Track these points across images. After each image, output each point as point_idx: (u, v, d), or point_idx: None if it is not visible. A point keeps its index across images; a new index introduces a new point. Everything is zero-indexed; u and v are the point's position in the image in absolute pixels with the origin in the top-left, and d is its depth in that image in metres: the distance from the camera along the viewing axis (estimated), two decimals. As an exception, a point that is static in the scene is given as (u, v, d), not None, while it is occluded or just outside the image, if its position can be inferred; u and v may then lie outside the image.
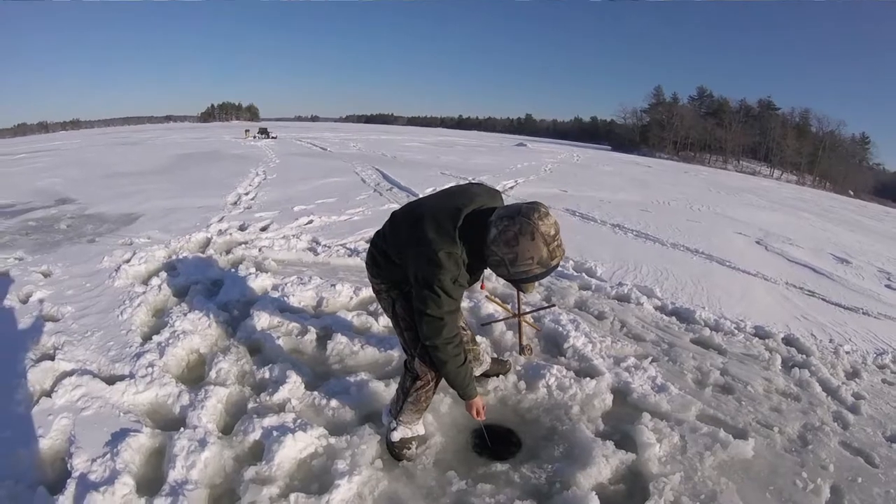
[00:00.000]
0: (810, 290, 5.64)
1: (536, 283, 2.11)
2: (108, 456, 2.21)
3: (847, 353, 3.89)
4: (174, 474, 2.12)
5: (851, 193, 50.76)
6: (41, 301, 3.96)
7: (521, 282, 1.95)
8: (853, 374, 3.59)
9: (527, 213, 1.80)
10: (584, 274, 5.21)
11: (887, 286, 6.44)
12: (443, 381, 2.29)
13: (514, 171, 16.48)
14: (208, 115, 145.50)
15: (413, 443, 2.40)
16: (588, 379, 2.98)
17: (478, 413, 2.27)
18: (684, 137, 70.31)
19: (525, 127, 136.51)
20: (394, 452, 2.38)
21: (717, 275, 5.73)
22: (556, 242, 1.83)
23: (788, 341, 3.99)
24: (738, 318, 4.31)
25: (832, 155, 65.64)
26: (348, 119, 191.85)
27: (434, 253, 1.88)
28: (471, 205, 1.97)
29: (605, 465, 2.30)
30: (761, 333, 4.06)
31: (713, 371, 3.34)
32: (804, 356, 3.72)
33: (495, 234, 1.83)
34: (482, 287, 2.81)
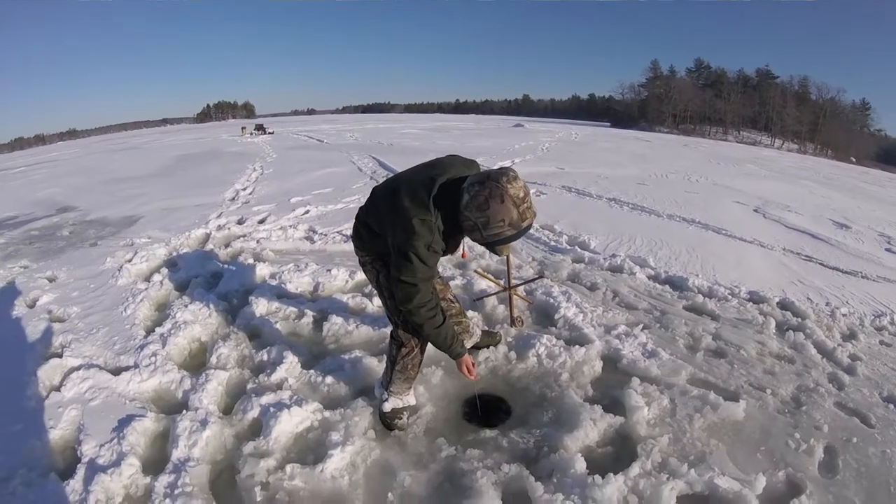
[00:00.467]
0: (808, 255, 5.62)
1: (511, 246, 2.17)
2: (115, 440, 2.33)
3: (844, 315, 3.84)
4: (177, 453, 2.24)
5: (854, 160, 50.13)
6: (47, 304, 4.09)
7: (494, 244, 2.01)
8: (850, 336, 3.54)
9: (496, 178, 1.88)
10: (577, 247, 5.25)
11: (887, 250, 6.38)
12: (431, 350, 2.36)
13: (512, 152, 16.42)
14: (205, 116, 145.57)
15: (404, 413, 2.48)
16: (578, 347, 3.04)
17: (468, 370, 2.32)
18: (683, 110, 69.84)
19: (523, 108, 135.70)
20: (386, 423, 2.47)
21: (713, 243, 5.74)
22: (525, 204, 1.89)
23: (784, 305, 3.97)
24: (733, 284, 4.30)
25: (833, 122, 64.91)
26: (345, 110, 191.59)
27: (408, 220, 1.95)
28: (445, 174, 2.04)
29: (592, 428, 2.36)
30: (756, 298, 4.04)
31: (705, 336, 3.35)
32: (799, 319, 3.70)
33: (467, 199, 1.91)
34: (464, 255, 2.85)
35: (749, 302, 4.01)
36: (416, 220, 1.94)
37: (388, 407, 2.46)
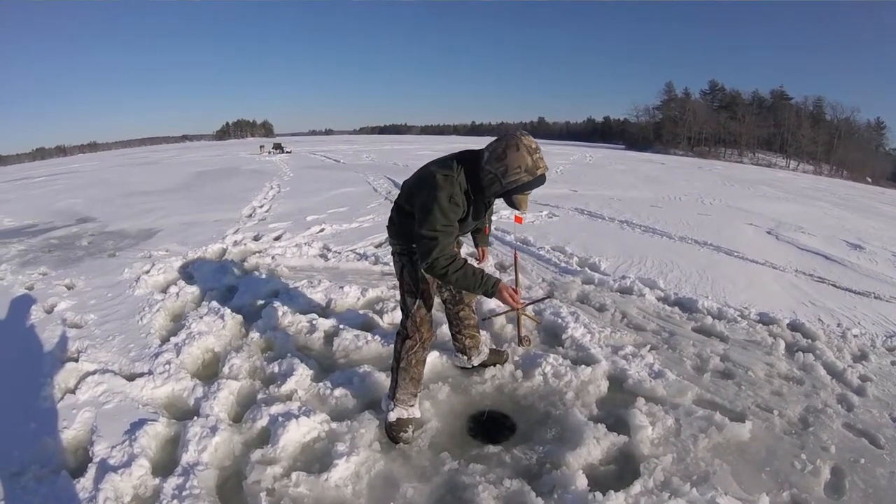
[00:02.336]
0: (820, 276, 5.57)
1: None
2: (127, 442, 2.42)
3: (855, 336, 3.82)
4: (187, 457, 2.31)
5: (869, 180, 49.68)
6: (65, 310, 4.23)
7: (513, 193, 2.21)
8: (861, 357, 3.52)
9: (511, 133, 2.17)
10: (587, 269, 5.27)
11: (902, 269, 6.33)
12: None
13: (525, 174, 16.47)
14: (224, 133, 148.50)
15: (410, 426, 2.52)
16: (584, 367, 3.06)
17: (512, 298, 2.26)
18: (698, 132, 69.83)
19: (538, 130, 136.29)
20: (391, 435, 2.51)
21: (724, 265, 5.71)
22: (538, 154, 2.14)
23: (794, 327, 3.95)
24: (743, 305, 4.30)
25: (848, 142, 64.32)
26: (362, 131, 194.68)
27: (433, 176, 2.20)
28: (451, 155, 2.34)
29: (595, 446, 2.38)
30: (765, 320, 4.03)
31: (713, 357, 3.35)
32: (809, 341, 3.69)
33: (487, 155, 2.18)
34: (486, 231, 2.90)
35: (759, 323, 4.00)
36: (440, 175, 2.19)
37: (393, 416, 2.51)
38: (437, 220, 2.13)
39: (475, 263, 2.51)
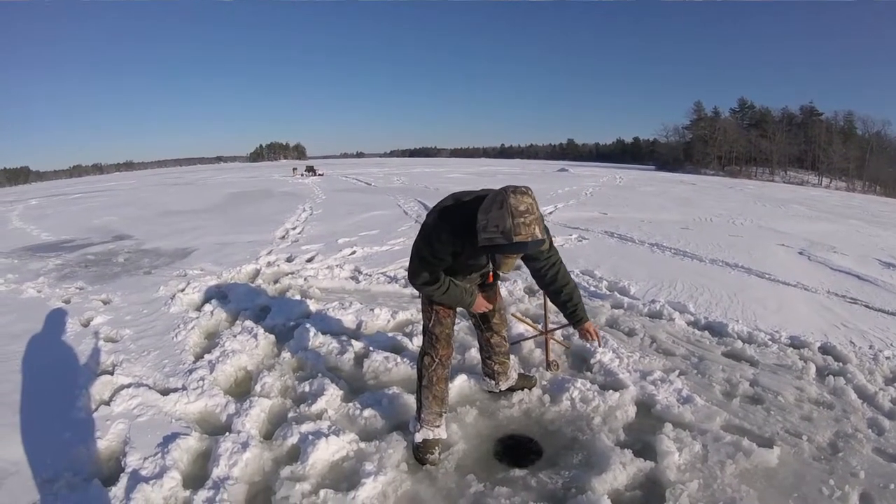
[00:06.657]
0: (853, 297, 5.41)
1: (514, 262, 2.38)
2: (159, 455, 2.51)
3: (888, 358, 3.71)
4: (217, 471, 2.39)
5: (903, 194, 47.70)
6: (101, 325, 4.41)
7: (487, 249, 2.09)
8: (893, 380, 3.42)
9: (505, 188, 2.00)
10: (616, 293, 5.24)
11: (936, 286, 6.09)
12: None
13: (555, 197, 16.42)
14: (257, 155, 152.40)
15: (436, 447, 2.55)
16: (612, 392, 3.06)
17: (484, 306, 2.67)
18: (728, 151, 68.47)
19: (568, 152, 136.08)
20: (418, 456, 2.55)
21: (755, 288, 5.60)
22: (521, 219, 1.90)
23: (825, 350, 3.87)
24: (773, 329, 4.22)
25: (880, 156, 62.01)
26: (393, 154, 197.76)
27: (433, 211, 2.34)
28: (475, 192, 2.31)
29: (621, 471, 2.37)
30: (796, 343, 3.96)
31: (742, 382, 3.30)
32: (840, 364, 3.60)
33: (485, 203, 2.04)
34: (490, 279, 2.83)
35: (789, 347, 3.92)
36: (438, 210, 2.32)
37: (419, 438, 2.55)
38: (423, 248, 2.29)
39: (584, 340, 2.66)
